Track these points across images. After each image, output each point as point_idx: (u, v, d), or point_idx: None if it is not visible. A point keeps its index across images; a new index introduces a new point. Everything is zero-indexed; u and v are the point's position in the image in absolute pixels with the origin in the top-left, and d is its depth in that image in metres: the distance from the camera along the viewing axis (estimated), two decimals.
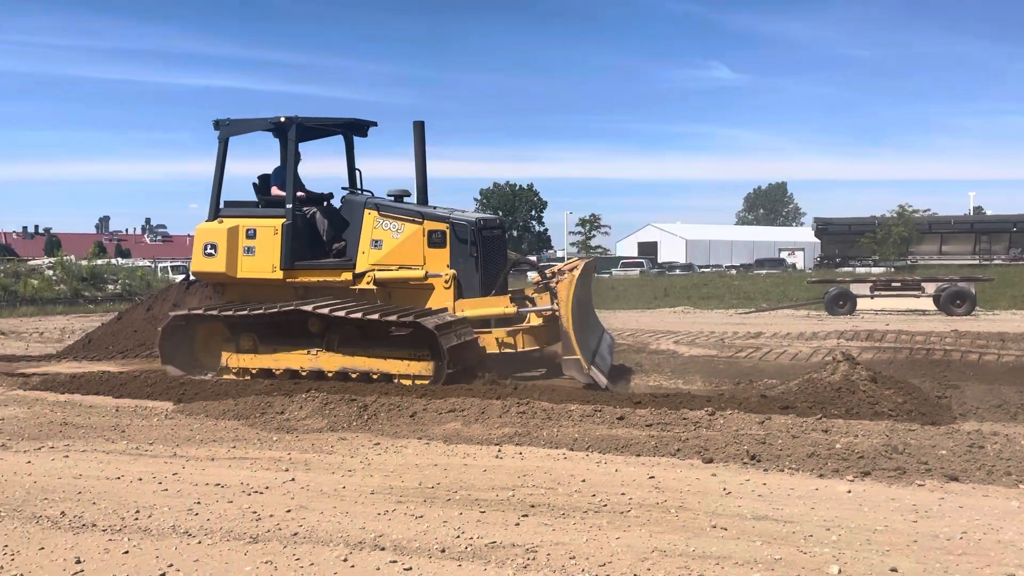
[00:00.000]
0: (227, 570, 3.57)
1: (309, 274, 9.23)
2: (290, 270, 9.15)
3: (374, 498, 4.63)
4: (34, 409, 7.48)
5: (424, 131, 9.49)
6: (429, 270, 8.94)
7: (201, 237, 9.44)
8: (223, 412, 7.14)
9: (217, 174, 9.63)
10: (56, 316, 20.90)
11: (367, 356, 8.44)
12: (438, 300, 8.89)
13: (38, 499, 4.65)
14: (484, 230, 9.07)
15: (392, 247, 9.03)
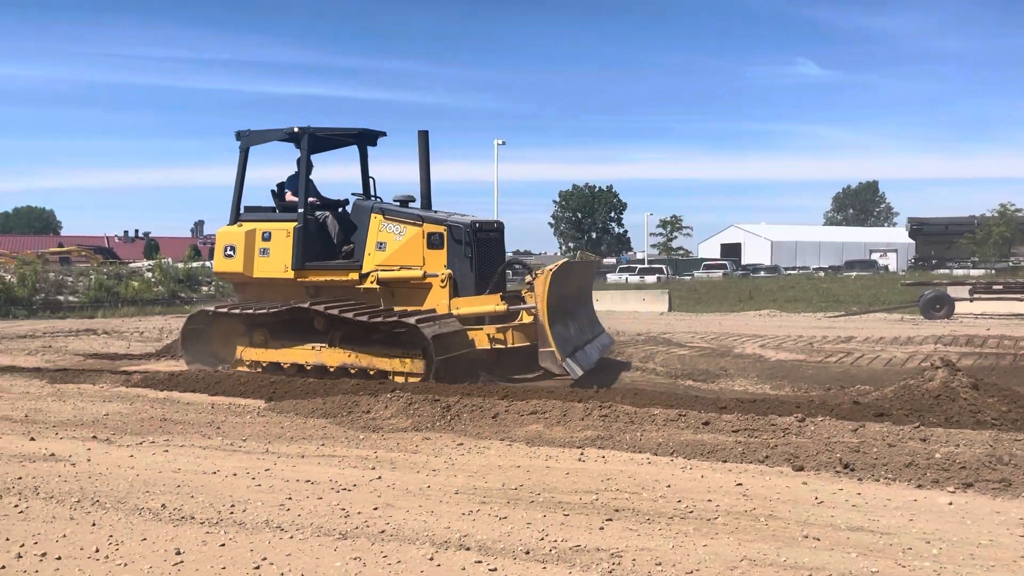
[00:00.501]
0: (318, 565, 3.66)
1: (318, 274, 9.78)
2: (301, 270, 9.71)
3: (458, 498, 4.67)
4: (135, 405, 7.84)
5: (428, 140, 9.87)
6: (427, 270, 9.36)
7: (222, 239, 10.19)
8: (312, 410, 7.34)
9: (238, 181, 10.36)
10: (155, 316, 21.87)
11: (365, 354, 8.97)
12: (435, 299, 9.31)
13: (140, 491, 4.86)
14: (480, 232, 9.44)
15: (395, 249, 9.50)
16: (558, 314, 8.63)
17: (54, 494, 4.80)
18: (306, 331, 9.29)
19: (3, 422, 7.01)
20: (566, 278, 9.13)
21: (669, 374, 9.65)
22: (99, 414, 7.37)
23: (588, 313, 10.45)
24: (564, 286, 9.05)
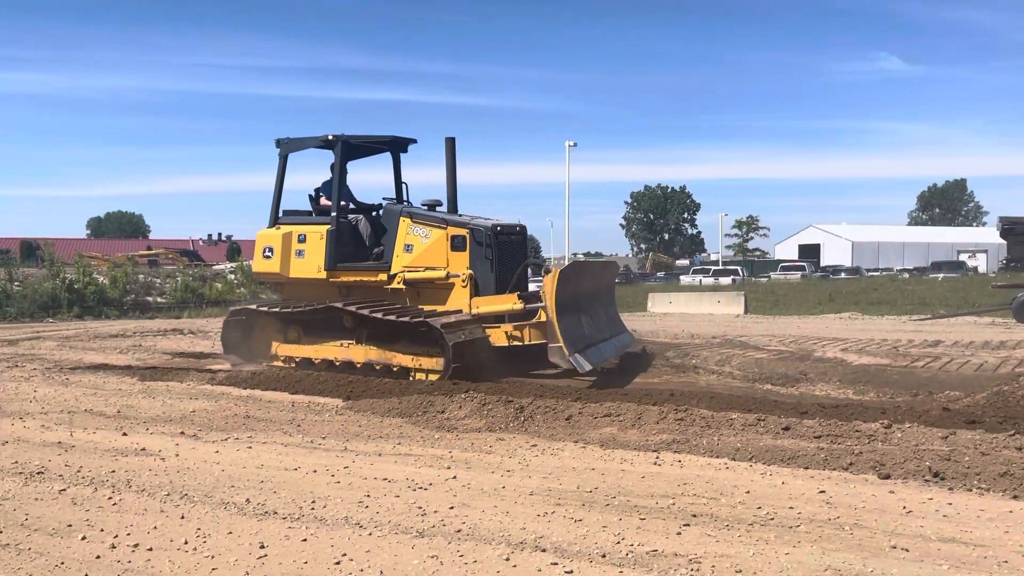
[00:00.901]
0: (396, 562, 3.71)
1: (349, 275, 10.28)
2: (333, 271, 10.23)
3: (533, 499, 4.67)
4: (220, 403, 8.11)
5: (455, 147, 10.32)
6: (450, 271, 9.73)
7: (261, 241, 10.79)
8: (388, 410, 7.45)
9: (277, 186, 10.95)
10: None
11: (389, 350, 9.40)
12: (457, 298, 9.69)
13: (225, 486, 5.02)
14: (501, 235, 9.81)
15: (421, 250, 9.93)
16: (569, 311, 8.92)
17: (145, 487, 5.00)
18: (336, 329, 9.76)
19: (98, 417, 7.35)
20: (578, 277, 9.47)
21: (746, 378, 9.45)
22: (186, 411, 7.64)
23: (607, 312, 10.64)
24: (576, 285, 9.34)
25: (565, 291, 8.77)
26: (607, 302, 10.77)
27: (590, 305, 9.87)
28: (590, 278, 10.19)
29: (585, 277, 9.95)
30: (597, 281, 10.49)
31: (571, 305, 9.04)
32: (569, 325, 8.78)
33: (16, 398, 8.43)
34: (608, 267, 11.99)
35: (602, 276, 11.02)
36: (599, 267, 12.00)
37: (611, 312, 10.80)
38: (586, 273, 10.19)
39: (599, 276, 10.87)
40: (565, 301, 8.77)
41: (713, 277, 49.05)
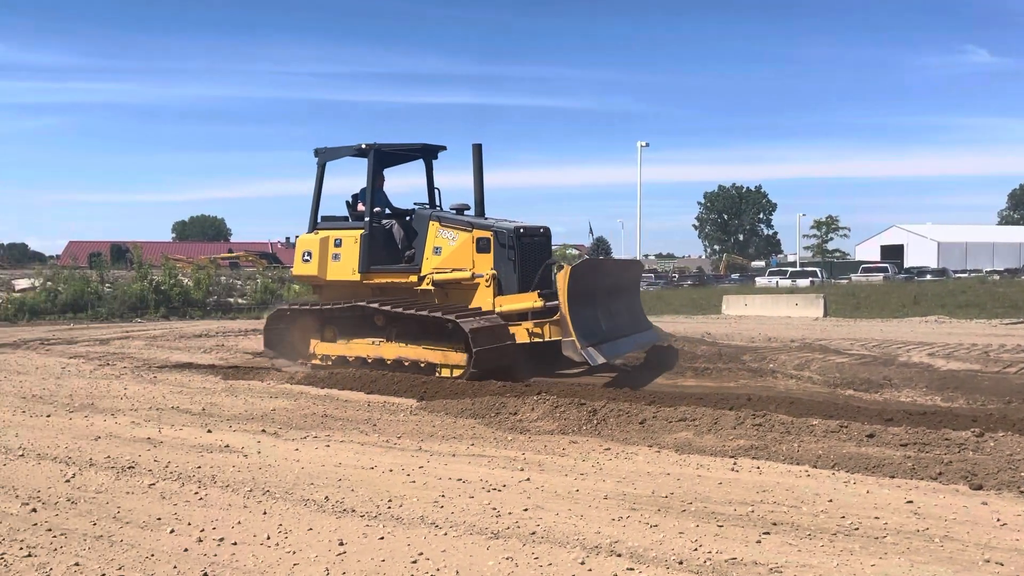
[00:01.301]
0: (471, 563, 3.73)
1: (382, 276, 10.73)
2: (366, 273, 10.70)
3: (607, 503, 4.64)
4: (299, 402, 8.31)
5: (481, 153, 10.62)
6: (476, 271, 10.03)
7: (301, 246, 11.35)
8: (461, 411, 7.51)
9: (315, 193, 11.47)
10: None
11: (417, 347, 9.81)
12: (481, 297, 9.99)
13: (305, 484, 5.14)
14: (524, 236, 10.06)
15: (448, 253, 10.25)
16: (584, 307, 9.15)
17: (229, 483, 5.15)
18: (368, 328, 10.25)
19: (184, 415, 7.62)
20: (593, 274, 9.81)
21: (827, 383, 9.18)
22: (267, 409, 7.86)
23: (630, 308, 10.86)
24: (592, 282, 9.65)
25: (578, 287, 8.99)
26: (629, 299, 10.95)
27: (609, 301, 10.09)
28: (608, 275, 10.49)
29: (602, 274, 10.24)
30: (617, 278, 10.73)
31: (586, 301, 9.28)
32: (583, 320, 8.98)
33: (108, 395, 8.82)
34: (629, 265, 12.16)
35: (623, 273, 11.24)
36: (618, 265, 12.24)
37: (634, 308, 10.99)
38: (603, 270, 10.50)
39: (619, 273, 11.10)
40: (579, 297, 9.00)
41: (790, 279, 47.86)
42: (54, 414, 7.65)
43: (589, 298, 9.41)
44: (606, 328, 9.59)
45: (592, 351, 8.74)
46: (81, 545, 4.03)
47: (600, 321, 9.57)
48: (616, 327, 9.90)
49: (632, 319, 10.68)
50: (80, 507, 4.67)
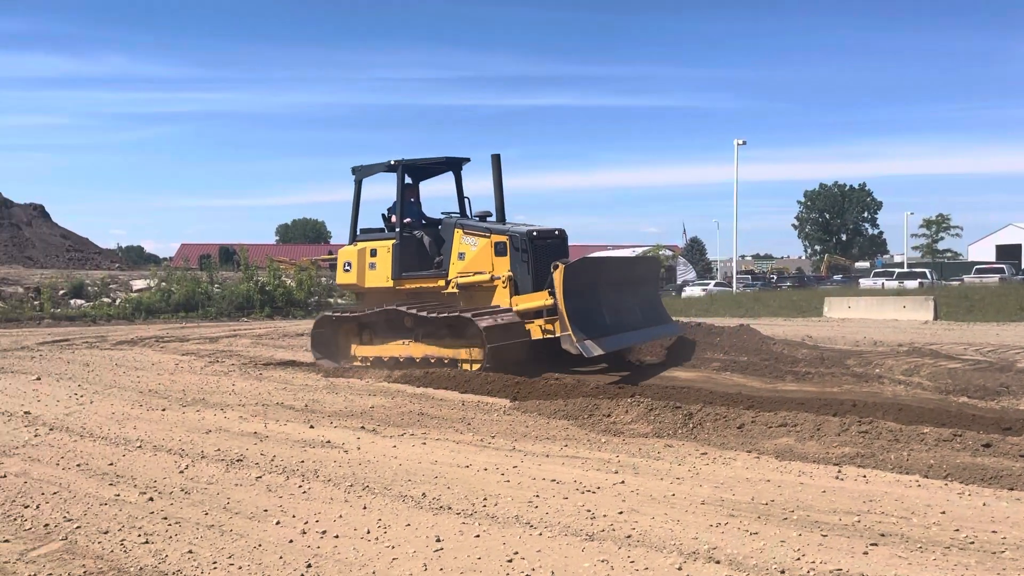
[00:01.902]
0: (567, 564, 3.72)
1: (412, 282, 11.44)
2: (399, 280, 11.45)
3: (705, 508, 4.55)
4: (396, 400, 8.49)
5: (500, 163, 11.05)
6: (494, 273, 10.62)
7: (342, 257, 12.14)
8: (554, 412, 7.51)
9: (354, 207, 12.24)
10: None
11: (441, 346, 10.38)
12: (499, 297, 10.58)
13: (403, 480, 5.25)
14: (537, 240, 10.57)
15: (471, 257, 10.85)
16: (581, 302, 9.60)
17: (331, 478, 5.31)
18: (399, 330, 10.91)
19: (288, 410, 7.90)
20: (593, 271, 10.40)
21: (938, 389, 8.74)
22: (366, 406, 8.07)
23: (643, 303, 11.24)
24: (592, 278, 10.18)
25: (574, 284, 9.49)
26: (643, 294, 11.35)
27: (616, 297, 10.53)
28: (613, 272, 11.05)
29: (603, 272, 10.79)
30: (625, 275, 11.23)
31: (586, 297, 9.79)
32: (579, 315, 9.43)
33: (217, 391, 9.23)
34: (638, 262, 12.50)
35: (631, 270, 11.78)
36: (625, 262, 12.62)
37: (649, 303, 11.43)
38: (603, 268, 11.04)
39: (627, 270, 11.67)
40: (575, 293, 9.48)
41: (897, 280, 45.77)
42: (168, 408, 8.07)
43: (588, 294, 9.87)
44: (610, 322, 10.05)
45: (589, 344, 9.21)
46: (194, 534, 4.24)
47: (604, 315, 10.04)
48: (623, 321, 10.35)
49: (646, 314, 11.11)
50: (193, 497, 4.91)
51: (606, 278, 10.51)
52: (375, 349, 11.24)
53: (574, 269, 9.63)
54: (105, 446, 6.36)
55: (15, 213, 39.08)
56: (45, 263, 33.81)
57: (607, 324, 9.94)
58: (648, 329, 10.88)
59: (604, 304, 10.15)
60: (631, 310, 10.74)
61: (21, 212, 39.76)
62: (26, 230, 37.92)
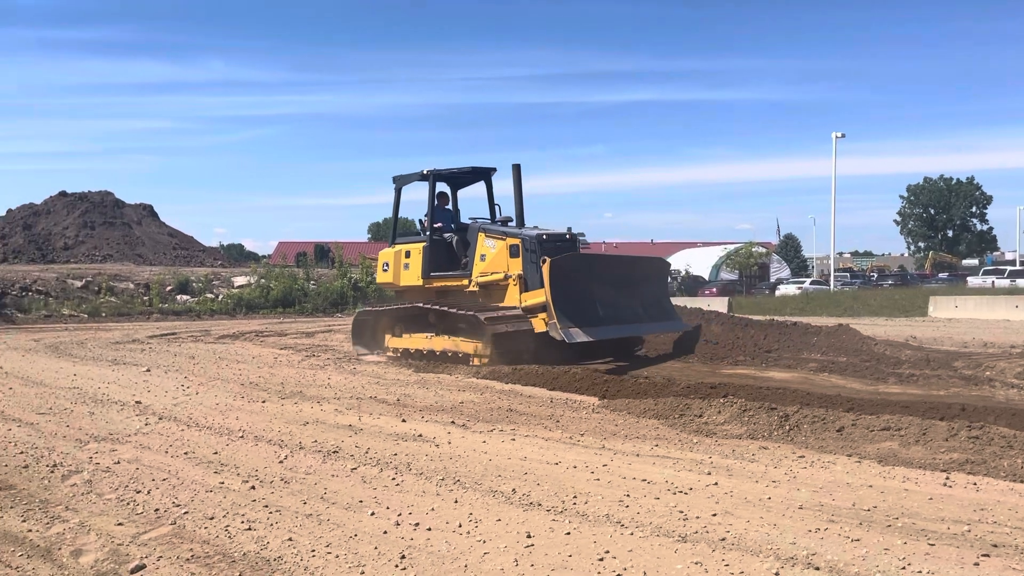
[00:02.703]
0: (659, 564, 3.67)
1: (440, 281, 12.39)
2: (428, 279, 12.44)
3: (803, 513, 4.41)
4: (485, 396, 8.57)
5: (520, 173, 12.00)
6: (508, 273, 11.39)
7: (381, 258, 13.39)
8: (644, 411, 7.43)
9: (393, 213, 13.49)
10: None
11: (458, 339, 11.20)
12: (511, 295, 11.36)
13: (493, 475, 5.29)
14: (547, 242, 11.17)
15: (490, 258, 11.60)
16: (572, 294, 10.34)
17: (423, 471, 5.40)
18: (423, 325, 11.87)
19: (381, 404, 8.08)
20: (584, 267, 11.03)
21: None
22: (455, 402, 8.17)
23: (647, 300, 11.76)
24: (583, 273, 10.83)
25: (561, 276, 10.24)
26: (646, 291, 11.89)
27: (613, 292, 11.14)
28: (610, 269, 11.72)
29: (600, 268, 11.52)
30: (624, 273, 11.89)
31: (576, 289, 10.51)
32: (567, 305, 10.20)
33: (314, 384, 9.52)
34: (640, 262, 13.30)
35: (632, 269, 12.36)
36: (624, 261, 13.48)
37: (654, 300, 11.98)
38: (601, 264, 11.78)
39: (627, 269, 12.26)
40: (564, 285, 10.26)
41: (1009, 279, 43.34)
42: (268, 400, 8.37)
43: (579, 286, 10.59)
44: (603, 314, 10.75)
45: (573, 331, 10.02)
46: (293, 522, 4.38)
47: (597, 308, 10.73)
48: (618, 315, 11.04)
49: (650, 310, 11.73)
50: (292, 487, 5.07)
51: (601, 274, 11.25)
52: (403, 341, 12.27)
53: (558, 263, 10.34)
54: (210, 435, 6.64)
55: (126, 213, 41.26)
56: (154, 260, 35.59)
57: (600, 316, 10.66)
58: (649, 324, 11.59)
59: (598, 297, 10.84)
60: (630, 305, 11.35)
61: (132, 212, 41.95)
62: (136, 229, 39.97)
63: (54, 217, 38.80)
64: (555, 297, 10.08)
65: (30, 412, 7.75)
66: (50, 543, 4.08)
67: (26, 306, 22.76)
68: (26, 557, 3.89)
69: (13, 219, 38.69)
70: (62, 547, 4.02)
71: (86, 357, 12.99)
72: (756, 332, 12.31)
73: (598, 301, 10.79)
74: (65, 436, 6.64)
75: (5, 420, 7.35)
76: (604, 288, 11.02)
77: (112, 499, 4.82)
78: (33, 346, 15.03)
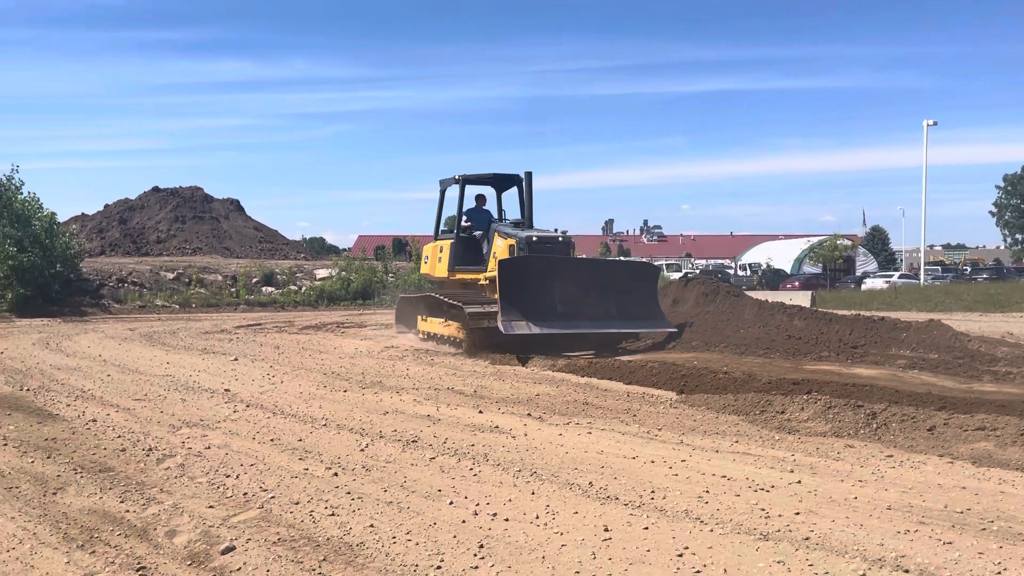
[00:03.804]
0: (739, 563, 3.61)
1: (462, 274, 14.02)
2: (452, 271, 14.15)
3: (891, 514, 4.27)
4: (560, 388, 8.57)
5: (532, 180, 13.21)
6: None
7: (423, 251, 15.96)
8: (723, 406, 7.31)
9: (437, 212, 14.95)
10: None
11: (457, 326, 12.51)
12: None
13: (569, 468, 5.29)
14: (536, 243, 12.47)
15: (499, 256, 12.50)
16: (525, 292, 11.44)
17: (500, 462, 5.44)
18: (441, 312, 13.22)
19: (458, 395, 8.18)
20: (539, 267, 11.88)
21: None
22: (531, 394, 8.20)
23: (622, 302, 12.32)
24: (538, 273, 11.77)
25: (511, 276, 11.42)
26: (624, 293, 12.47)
27: (579, 293, 11.97)
28: (575, 272, 12.37)
29: (562, 270, 12.11)
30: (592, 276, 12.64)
31: (531, 288, 11.56)
32: (517, 301, 11.33)
33: (393, 375, 9.70)
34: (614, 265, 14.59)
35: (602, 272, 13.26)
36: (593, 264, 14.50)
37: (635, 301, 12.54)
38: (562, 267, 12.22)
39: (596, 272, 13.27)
40: (516, 284, 11.43)
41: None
42: (350, 389, 8.57)
43: (534, 286, 11.60)
44: (562, 311, 11.70)
45: (514, 324, 11.10)
46: (374, 509, 4.47)
47: (556, 305, 11.70)
48: (581, 312, 11.87)
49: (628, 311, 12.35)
50: (373, 474, 5.19)
51: (563, 276, 12.02)
52: (428, 325, 13.95)
53: (506, 263, 11.60)
54: (295, 423, 6.85)
55: (215, 207, 42.74)
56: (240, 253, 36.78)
57: (558, 312, 11.67)
58: (625, 323, 12.28)
59: (560, 297, 11.77)
60: (601, 305, 12.14)
61: (220, 206, 43.43)
62: (224, 223, 41.36)
63: (148, 212, 40.51)
64: (503, 293, 11.26)
65: (127, 398, 8.14)
66: (146, 523, 4.28)
67: (122, 297, 23.85)
68: (124, 536, 4.09)
69: (110, 214, 40.55)
70: (157, 527, 4.21)
71: (178, 346, 13.55)
72: (841, 327, 11.93)
73: (559, 300, 11.75)
74: (159, 421, 6.95)
75: (104, 406, 7.73)
76: (568, 288, 11.90)
77: (203, 482, 5.03)
78: (129, 335, 15.76)
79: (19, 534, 4.13)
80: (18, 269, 21.34)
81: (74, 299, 22.97)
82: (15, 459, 5.65)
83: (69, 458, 5.66)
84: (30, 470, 5.35)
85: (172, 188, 42.98)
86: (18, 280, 21.47)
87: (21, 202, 22.54)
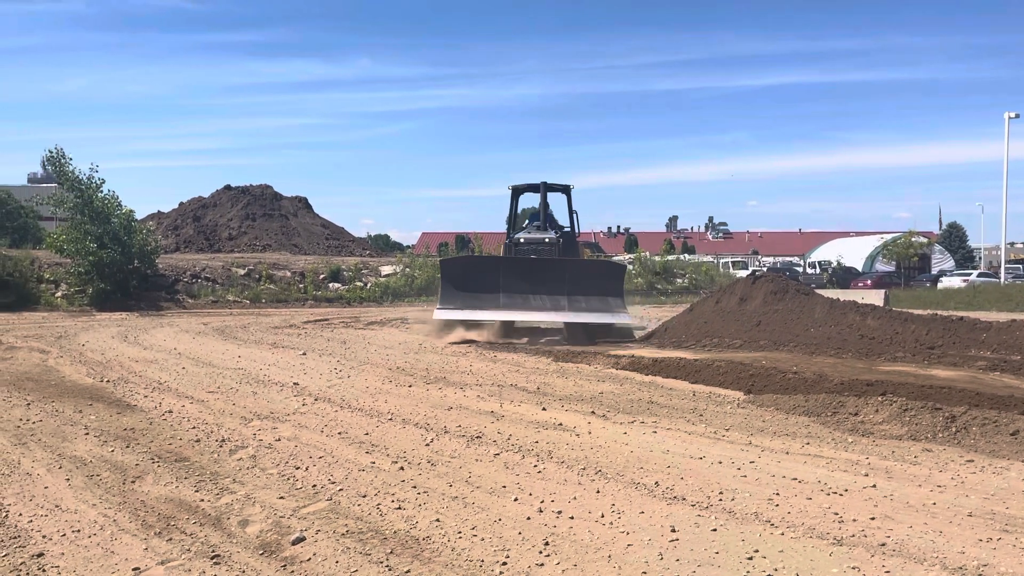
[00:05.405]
0: (812, 567, 3.52)
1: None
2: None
3: (972, 521, 4.10)
4: (624, 387, 8.49)
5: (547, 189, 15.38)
6: None
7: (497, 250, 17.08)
8: (793, 407, 7.14)
9: (508, 216, 16.39)
10: (635, 306, 23.47)
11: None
12: None
13: (635, 467, 5.23)
14: (523, 244, 14.74)
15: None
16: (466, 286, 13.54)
17: (564, 460, 5.42)
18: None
19: (521, 392, 8.18)
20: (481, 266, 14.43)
21: None
22: (595, 392, 8.15)
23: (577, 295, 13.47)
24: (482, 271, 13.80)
25: (452, 273, 13.80)
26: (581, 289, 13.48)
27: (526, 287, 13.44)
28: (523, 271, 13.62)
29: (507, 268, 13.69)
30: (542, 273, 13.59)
31: (474, 283, 13.54)
32: (453, 293, 13.57)
33: (457, 371, 9.76)
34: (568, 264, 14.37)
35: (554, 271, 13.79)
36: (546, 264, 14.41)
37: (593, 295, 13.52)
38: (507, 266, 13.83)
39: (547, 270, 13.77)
40: (458, 280, 13.63)
41: None
42: (414, 385, 8.65)
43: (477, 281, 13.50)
44: (504, 302, 13.38)
45: (443, 311, 13.53)
46: (440, 503, 4.50)
47: (499, 298, 13.37)
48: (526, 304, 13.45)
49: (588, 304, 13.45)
50: (438, 469, 5.22)
51: (510, 273, 13.54)
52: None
53: (445, 263, 14.38)
54: (361, 417, 6.95)
55: (284, 205, 43.72)
56: (308, 250, 37.53)
57: (500, 303, 13.35)
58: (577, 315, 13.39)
59: (504, 291, 13.39)
60: (547, 300, 13.48)
61: (288, 204, 44.41)
62: (292, 220, 42.27)
63: (220, 209, 41.68)
64: (443, 287, 13.71)
65: (201, 390, 8.38)
66: (220, 512, 4.39)
67: (195, 292, 24.60)
68: (199, 525, 4.21)
69: (184, 211, 41.86)
70: (230, 517, 4.33)
71: (249, 340, 13.91)
72: (917, 327, 11.53)
73: (503, 293, 13.39)
74: (232, 413, 7.14)
75: (179, 397, 7.98)
76: (516, 283, 13.44)
77: (274, 474, 5.14)
78: (202, 329, 16.24)
79: (100, 520, 4.29)
80: (98, 265, 22.21)
81: (150, 294, 23.80)
82: (96, 448, 5.87)
83: (147, 448, 5.86)
84: (110, 459, 5.56)
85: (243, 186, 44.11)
86: (98, 275, 22.34)
87: (101, 200, 23.40)
